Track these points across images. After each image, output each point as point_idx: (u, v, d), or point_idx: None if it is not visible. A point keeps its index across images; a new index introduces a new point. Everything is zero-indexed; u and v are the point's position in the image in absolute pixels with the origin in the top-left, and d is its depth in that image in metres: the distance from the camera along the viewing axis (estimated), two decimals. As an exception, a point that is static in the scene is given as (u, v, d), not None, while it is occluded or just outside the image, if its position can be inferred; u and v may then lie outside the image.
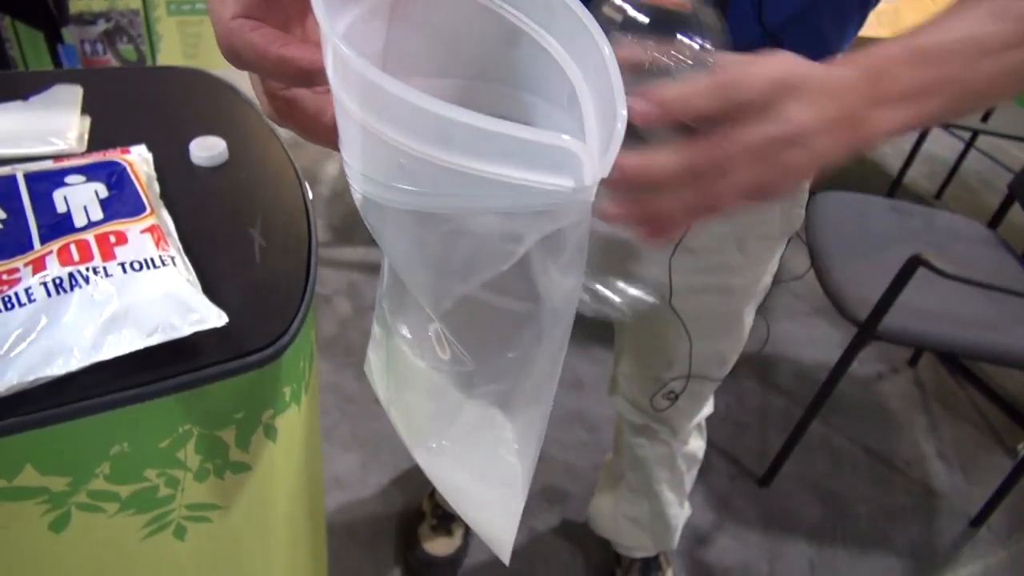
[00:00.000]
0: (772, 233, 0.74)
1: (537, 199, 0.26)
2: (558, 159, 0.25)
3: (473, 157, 0.25)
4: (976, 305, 1.25)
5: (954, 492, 1.56)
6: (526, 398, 0.37)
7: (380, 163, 0.27)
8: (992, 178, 2.74)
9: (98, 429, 0.40)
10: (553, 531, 1.35)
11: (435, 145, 0.25)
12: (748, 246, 0.74)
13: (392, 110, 0.25)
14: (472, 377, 0.37)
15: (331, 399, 1.50)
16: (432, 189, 0.27)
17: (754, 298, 0.81)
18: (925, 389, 1.80)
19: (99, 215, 0.45)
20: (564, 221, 0.28)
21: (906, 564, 1.40)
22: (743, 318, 0.82)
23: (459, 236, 0.28)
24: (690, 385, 0.87)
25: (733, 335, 0.84)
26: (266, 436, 0.47)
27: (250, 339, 0.43)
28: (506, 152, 0.25)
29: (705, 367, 0.86)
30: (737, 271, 0.76)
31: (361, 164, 0.28)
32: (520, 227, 0.28)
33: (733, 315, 0.81)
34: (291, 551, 0.58)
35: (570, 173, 0.26)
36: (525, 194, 0.26)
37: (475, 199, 0.26)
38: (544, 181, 0.26)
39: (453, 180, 0.26)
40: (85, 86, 0.61)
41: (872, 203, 1.50)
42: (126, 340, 0.39)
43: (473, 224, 0.28)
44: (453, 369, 0.38)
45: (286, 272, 0.48)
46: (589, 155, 0.26)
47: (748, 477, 1.52)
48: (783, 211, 0.72)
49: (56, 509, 0.42)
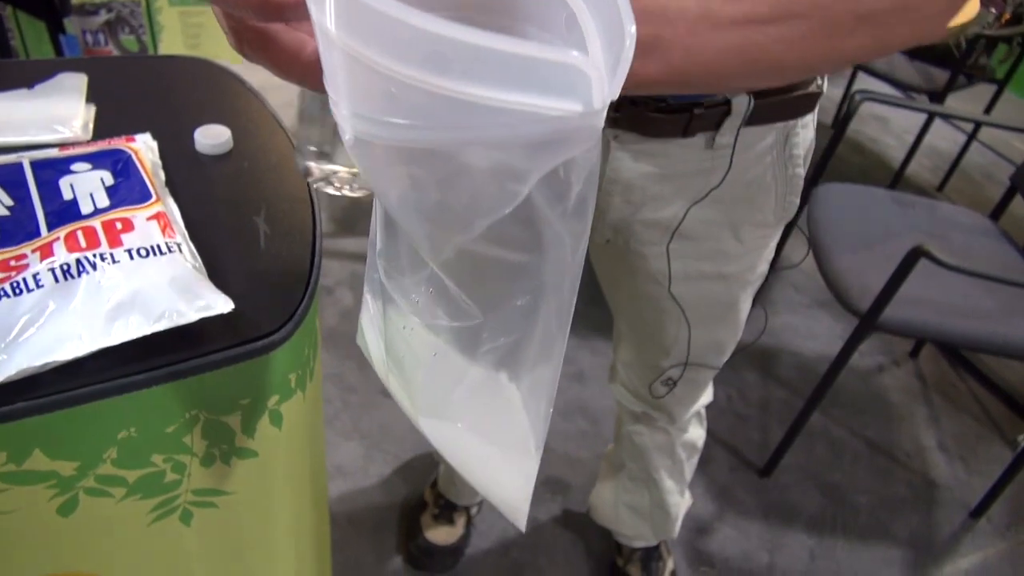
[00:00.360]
0: (767, 220, 0.74)
1: (542, 127, 0.24)
2: (566, 79, 0.23)
3: (472, 81, 0.22)
4: (977, 297, 1.25)
5: (954, 483, 1.57)
6: (535, 353, 0.35)
7: (369, 96, 0.25)
8: (994, 170, 2.74)
9: (106, 414, 0.40)
10: (555, 521, 1.35)
11: (429, 69, 0.22)
12: (743, 233, 0.74)
13: (380, 32, 0.22)
14: (480, 331, 0.36)
15: (333, 389, 1.51)
16: (427, 122, 0.24)
17: (750, 285, 0.81)
18: (926, 381, 1.81)
19: (105, 202, 0.45)
20: (571, 151, 0.26)
21: (906, 555, 1.41)
22: (739, 305, 0.82)
23: (457, 176, 0.26)
24: (688, 372, 0.88)
25: (730, 323, 0.84)
26: (271, 422, 0.47)
27: (256, 325, 0.43)
28: (509, 73, 0.22)
29: (702, 355, 0.86)
30: (733, 258, 0.76)
31: (349, 100, 0.25)
32: (523, 162, 0.26)
33: (729, 302, 0.81)
34: (295, 538, 0.58)
35: (578, 96, 0.23)
36: (529, 121, 0.24)
37: (474, 130, 0.24)
38: (550, 105, 0.23)
39: (450, 109, 0.23)
40: (89, 75, 0.61)
41: (873, 194, 1.51)
42: (133, 325, 0.39)
43: (472, 161, 0.26)
44: (458, 325, 0.36)
45: (291, 259, 0.48)
46: (599, 73, 0.23)
47: (749, 468, 1.52)
48: (778, 199, 0.72)
49: (64, 493, 0.42)
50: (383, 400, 1.50)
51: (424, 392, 0.42)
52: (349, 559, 1.24)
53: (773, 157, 0.70)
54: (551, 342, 0.34)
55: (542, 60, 0.22)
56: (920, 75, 2.16)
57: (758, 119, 0.65)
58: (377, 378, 1.30)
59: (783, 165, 0.71)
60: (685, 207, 0.71)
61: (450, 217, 0.29)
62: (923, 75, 2.15)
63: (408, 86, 0.23)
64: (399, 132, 0.24)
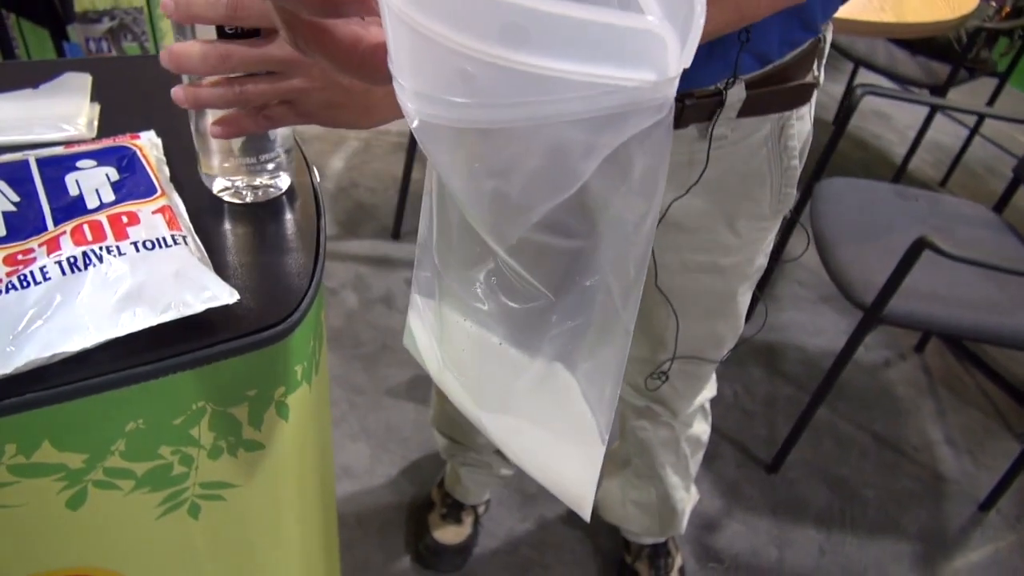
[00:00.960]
0: (763, 213, 0.74)
1: (616, 99, 0.23)
2: (641, 47, 0.22)
3: (549, 53, 0.22)
4: (982, 288, 1.25)
5: (962, 477, 1.56)
6: (594, 337, 0.35)
7: (438, 76, 0.24)
8: (997, 164, 2.73)
9: (114, 406, 0.40)
10: (562, 519, 1.35)
11: (506, 43, 0.21)
12: (739, 225, 0.74)
13: (453, 5, 0.22)
14: (549, 314, 0.35)
15: (339, 391, 1.51)
16: (498, 99, 0.23)
17: (749, 278, 0.81)
18: (932, 375, 1.80)
19: (111, 197, 0.46)
20: (641, 124, 0.24)
21: (916, 548, 1.40)
22: (737, 298, 0.82)
23: (524, 156, 0.26)
24: (686, 366, 0.88)
25: (728, 315, 0.84)
26: (278, 414, 0.47)
27: (261, 317, 0.43)
28: (586, 43, 0.21)
29: (700, 348, 0.86)
30: (729, 250, 0.76)
31: (415, 80, 0.25)
32: (591, 138, 0.25)
33: (726, 295, 0.81)
34: (302, 532, 0.58)
35: (653, 64, 0.22)
36: (603, 94, 0.22)
37: (547, 106, 0.23)
38: (626, 76, 0.22)
39: (523, 85, 0.22)
40: (94, 74, 0.61)
41: (876, 188, 1.50)
42: (140, 317, 0.39)
43: (539, 139, 0.25)
44: (527, 307, 0.36)
45: (296, 252, 0.48)
46: (674, 39, 0.22)
47: (756, 464, 1.52)
48: (773, 191, 0.72)
49: (73, 486, 0.42)
50: (389, 401, 1.50)
51: (484, 388, 0.43)
52: (358, 560, 1.24)
53: (768, 149, 0.70)
54: (613, 324, 0.33)
55: (621, 27, 0.21)
56: (921, 69, 2.15)
57: (752, 110, 0.65)
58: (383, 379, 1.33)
59: (779, 157, 0.71)
60: (669, 199, 0.71)
61: (514, 201, 0.28)
62: (924, 69, 2.15)
63: (482, 62, 0.22)
64: (469, 112, 0.24)
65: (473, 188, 0.29)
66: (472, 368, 0.43)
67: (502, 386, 0.42)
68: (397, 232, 1.94)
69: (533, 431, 0.42)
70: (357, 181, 2.14)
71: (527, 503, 1.37)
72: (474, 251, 0.37)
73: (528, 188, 0.27)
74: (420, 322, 0.47)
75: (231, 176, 0.50)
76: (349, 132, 2.38)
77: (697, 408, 1.02)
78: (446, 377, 0.45)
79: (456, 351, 0.44)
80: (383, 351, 1.60)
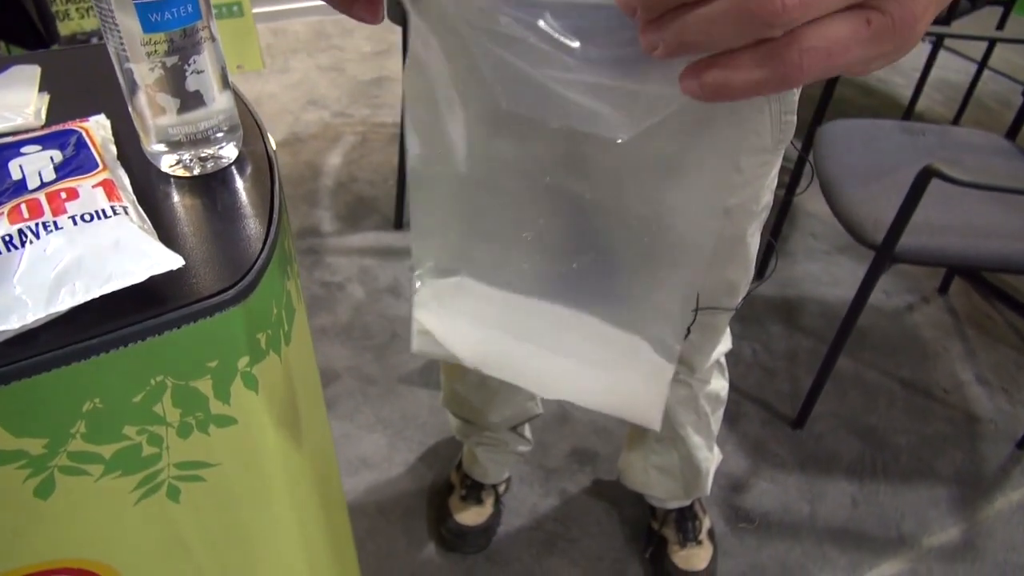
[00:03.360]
0: (765, 145, 0.71)
1: None
2: None
3: None
4: (998, 216, 1.20)
5: (998, 415, 1.52)
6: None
7: None
8: (1010, 96, 2.65)
9: (65, 384, 0.39)
10: (586, 492, 1.33)
11: None
12: (741, 161, 0.71)
13: None
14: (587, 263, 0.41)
15: (352, 383, 1.50)
16: None
17: (756, 217, 0.78)
18: (958, 315, 1.75)
19: (52, 177, 0.44)
20: None
21: (953, 492, 1.36)
22: (747, 239, 0.79)
23: None
24: (702, 317, 0.85)
25: (739, 259, 0.81)
26: (246, 386, 0.46)
27: (212, 284, 0.41)
28: None
29: (714, 296, 0.83)
30: (735, 190, 0.73)
31: None
32: None
33: (735, 237, 0.78)
34: (297, 511, 0.57)
35: None
36: None
37: None
38: None
39: None
40: (43, 66, 0.60)
41: (880, 127, 1.46)
42: (81, 290, 0.38)
43: None
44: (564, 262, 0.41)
45: (249, 219, 0.47)
46: None
47: (781, 420, 1.49)
48: (773, 120, 0.69)
49: (38, 474, 0.41)
50: (403, 388, 1.49)
51: (526, 348, 0.46)
52: (381, 548, 1.23)
53: None
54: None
55: None
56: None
57: None
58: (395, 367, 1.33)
59: None
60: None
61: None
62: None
63: None
64: None
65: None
66: (511, 332, 0.46)
67: (546, 340, 0.45)
68: (399, 222, 1.93)
69: (589, 370, 0.46)
70: (356, 175, 2.13)
71: (549, 478, 1.35)
72: (509, 217, 0.41)
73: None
74: (432, 314, 0.48)
75: (176, 150, 0.48)
76: (345, 128, 2.37)
77: (713, 363, 0.99)
78: (489, 360, 0.48)
79: (490, 322, 0.46)
80: (393, 340, 1.59)
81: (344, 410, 1.46)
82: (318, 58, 2.88)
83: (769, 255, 1.71)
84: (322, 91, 2.62)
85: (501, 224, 0.44)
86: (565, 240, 0.43)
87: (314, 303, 1.70)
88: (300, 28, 3.13)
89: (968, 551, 1.27)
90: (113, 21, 0.42)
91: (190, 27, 0.43)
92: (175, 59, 0.44)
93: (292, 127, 2.36)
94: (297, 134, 2.31)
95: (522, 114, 0.37)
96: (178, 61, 0.44)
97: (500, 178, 0.43)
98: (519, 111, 0.37)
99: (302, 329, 0.56)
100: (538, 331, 0.46)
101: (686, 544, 1.19)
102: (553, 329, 0.45)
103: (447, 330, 0.49)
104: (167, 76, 0.44)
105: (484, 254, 0.45)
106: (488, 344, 0.48)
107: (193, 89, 0.46)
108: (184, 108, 0.46)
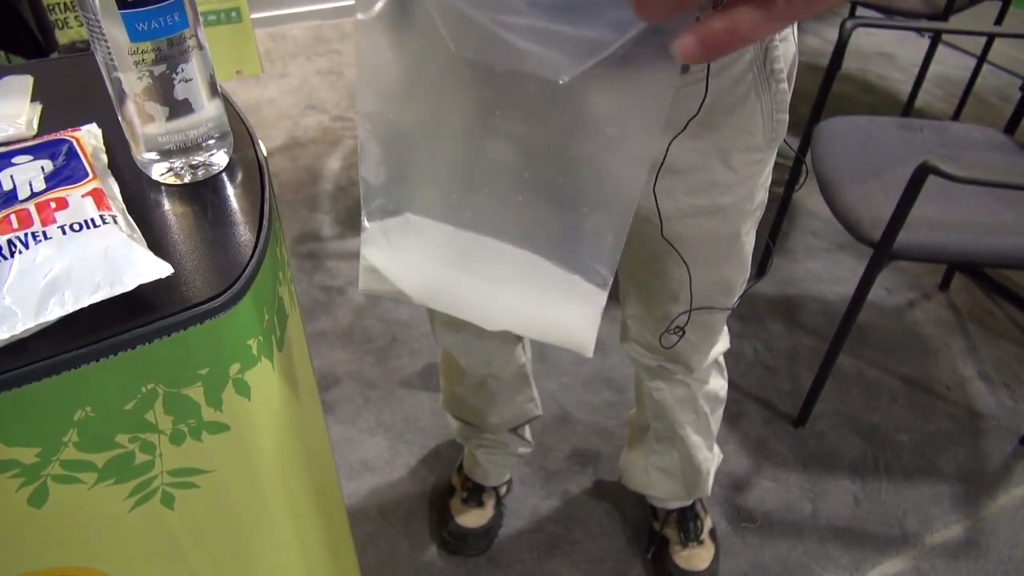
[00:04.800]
0: (757, 144, 0.71)
1: None
2: None
3: None
4: (996, 212, 1.20)
5: (1000, 412, 1.51)
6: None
7: None
8: (1010, 91, 2.65)
9: (57, 393, 0.39)
10: (587, 493, 1.33)
11: None
12: (734, 160, 0.71)
13: None
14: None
15: (353, 387, 1.51)
16: None
17: (751, 216, 0.78)
18: (959, 311, 1.75)
19: (42, 187, 0.44)
20: None
21: (956, 489, 1.36)
22: (741, 239, 0.79)
23: None
24: (698, 316, 0.85)
25: (734, 258, 0.81)
26: (238, 392, 0.46)
27: (202, 291, 0.42)
28: None
29: (710, 296, 0.83)
30: (727, 188, 0.73)
31: None
32: None
33: (730, 236, 0.78)
34: (293, 516, 0.57)
35: None
36: None
37: None
38: None
39: None
40: (36, 76, 0.60)
41: (878, 123, 1.45)
42: (70, 300, 0.38)
43: None
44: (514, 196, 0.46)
45: (239, 226, 0.47)
46: None
47: (782, 419, 1.48)
48: (765, 118, 0.69)
49: (31, 483, 0.41)
50: (404, 392, 1.49)
51: (470, 281, 0.50)
52: (383, 552, 1.24)
53: (754, 74, 0.67)
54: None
55: None
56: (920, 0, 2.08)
57: None
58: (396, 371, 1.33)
59: (765, 82, 0.68)
60: (667, 141, 0.68)
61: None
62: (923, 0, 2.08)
63: None
64: None
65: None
66: (456, 266, 0.49)
67: (488, 275, 0.49)
68: (399, 225, 1.93)
69: (528, 300, 0.50)
70: (355, 179, 2.13)
71: (550, 479, 1.35)
72: (455, 157, 0.44)
73: None
74: (380, 251, 0.51)
75: (166, 158, 0.48)
76: (344, 132, 2.37)
77: (712, 362, 0.99)
78: (427, 287, 0.51)
79: (435, 257, 0.50)
80: (394, 343, 1.59)
81: (345, 414, 1.46)
82: (317, 62, 2.89)
83: (767, 254, 1.71)
84: (321, 95, 2.63)
85: (448, 164, 0.48)
86: (508, 178, 0.46)
87: (315, 307, 1.71)
88: (299, 33, 3.14)
89: (971, 548, 1.26)
90: (100, 31, 0.42)
91: (177, 36, 0.43)
92: (163, 68, 0.44)
93: (291, 131, 2.36)
94: (296, 138, 2.32)
95: (469, 57, 0.41)
96: (166, 70, 0.44)
97: (448, 120, 0.47)
98: (466, 55, 0.41)
99: (296, 334, 0.56)
100: (481, 265, 0.50)
101: (688, 544, 1.19)
102: (495, 263, 0.49)
103: (394, 266, 0.52)
104: (155, 85, 0.44)
105: (431, 192, 0.48)
106: (434, 280, 0.52)
107: (181, 97, 0.46)
108: (173, 116, 0.46)
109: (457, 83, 0.45)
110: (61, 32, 1.93)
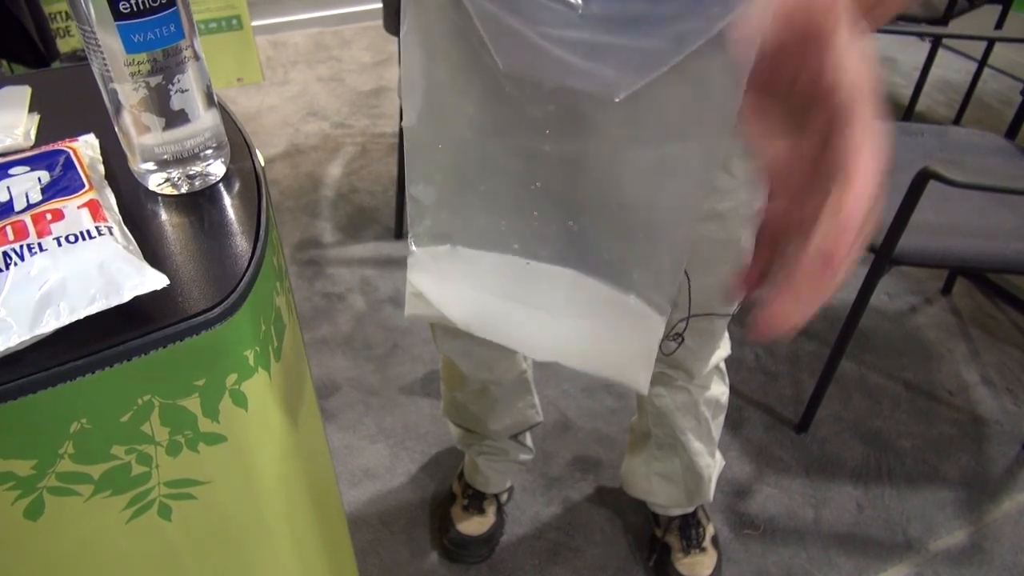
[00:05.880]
0: None
1: None
2: None
3: None
4: (998, 217, 1.19)
5: (1003, 416, 1.50)
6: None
7: None
8: (1011, 95, 2.64)
9: (52, 405, 0.39)
10: (589, 500, 1.33)
11: None
12: (733, 165, 0.70)
13: None
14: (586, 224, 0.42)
15: (354, 394, 1.50)
16: None
17: (750, 222, 0.77)
18: (962, 316, 1.74)
19: (38, 198, 0.44)
20: None
21: (959, 495, 1.35)
22: (741, 244, 0.78)
23: None
24: (698, 323, 0.85)
25: (734, 265, 0.81)
26: (235, 404, 0.45)
27: (198, 302, 0.41)
28: None
29: (710, 302, 0.83)
30: (726, 194, 0.73)
31: None
32: None
33: (730, 242, 0.77)
34: (290, 525, 0.57)
35: None
36: None
37: None
38: None
39: None
40: (34, 87, 0.60)
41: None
42: (65, 312, 0.38)
43: None
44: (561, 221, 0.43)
45: (236, 236, 0.47)
46: None
47: (784, 425, 1.48)
48: (765, 125, 0.69)
49: (27, 495, 0.41)
50: (404, 399, 1.49)
51: (519, 311, 0.48)
52: (384, 560, 1.23)
53: None
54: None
55: None
56: (920, 3, 2.08)
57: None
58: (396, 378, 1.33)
59: None
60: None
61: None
62: (923, 4, 2.08)
63: None
64: None
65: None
66: (504, 293, 0.47)
67: (537, 301, 0.46)
68: (399, 232, 1.93)
69: (579, 329, 0.47)
70: (356, 186, 2.14)
71: (551, 486, 1.34)
72: (505, 180, 0.41)
73: None
74: (427, 276, 0.49)
75: (163, 168, 0.48)
76: (345, 139, 2.37)
77: (713, 368, 0.99)
78: (472, 313, 0.49)
79: (484, 286, 0.47)
80: (394, 351, 1.59)
81: (346, 421, 1.46)
82: (317, 69, 2.89)
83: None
84: (322, 102, 2.63)
85: (497, 187, 0.45)
86: (561, 201, 0.43)
87: (315, 314, 1.71)
88: (299, 40, 3.14)
89: (975, 554, 1.26)
90: (96, 42, 0.42)
91: (173, 47, 0.43)
92: (159, 79, 0.44)
93: (292, 139, 2.37)
94: (297, 146, 2.32)
95: (518, 75, 0.38)
96: (162, 80, 0.44)
97: (496, 142, 0.44)
98: (515, 72, 0.38)
99: (294, 344, 0.56)
100: (530, 292, 0.47)
101: (690, 551, 1.19)
102: (545, 289, 0.47)
103: (440, 292, 0.50)
104: (151, 96, 0.44)
105: (480, 217, 0.45)
106: (482, 308, 0.49)
107: (178, 108, 0.46)
108: (169, 127, 0.46)
109: (504, 101, 0.42)
110: (63, 40, 1.94)
